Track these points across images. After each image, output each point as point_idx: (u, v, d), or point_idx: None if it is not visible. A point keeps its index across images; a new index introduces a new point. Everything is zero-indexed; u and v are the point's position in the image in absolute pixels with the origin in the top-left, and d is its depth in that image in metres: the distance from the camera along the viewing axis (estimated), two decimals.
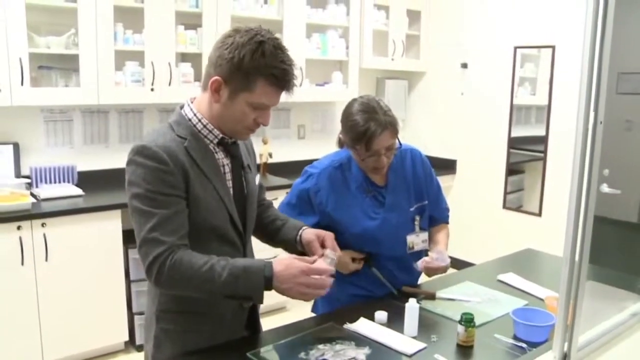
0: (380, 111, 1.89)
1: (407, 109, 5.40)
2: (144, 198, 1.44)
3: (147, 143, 1.46)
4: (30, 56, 3.16)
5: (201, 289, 1.46)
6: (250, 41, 1.44)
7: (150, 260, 1.43)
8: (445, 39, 5.06)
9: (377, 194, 2.04)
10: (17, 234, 2.94)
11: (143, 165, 1.44)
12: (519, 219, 4.65)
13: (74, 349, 3.22)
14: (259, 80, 1.45)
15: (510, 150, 4.69)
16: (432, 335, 1.71)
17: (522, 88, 4.64)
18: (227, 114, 1.50)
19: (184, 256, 1.43)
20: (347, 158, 2.05)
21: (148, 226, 1.43)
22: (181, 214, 1.47)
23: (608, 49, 1.23)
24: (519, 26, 4.50)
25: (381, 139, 1.88)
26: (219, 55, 1.47)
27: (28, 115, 3.46)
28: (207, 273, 1.42)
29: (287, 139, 4.70)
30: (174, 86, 3.65)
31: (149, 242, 1.43)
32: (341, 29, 4.63)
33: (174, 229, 1.45)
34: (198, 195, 1.49)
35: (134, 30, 3.54)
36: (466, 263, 4.85)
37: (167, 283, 1.45)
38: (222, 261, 1.45)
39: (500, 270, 2.31)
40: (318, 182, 2.02)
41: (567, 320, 1.34)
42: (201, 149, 1.53)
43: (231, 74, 1.45)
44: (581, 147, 1.25)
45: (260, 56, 1.43)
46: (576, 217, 1.27)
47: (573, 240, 1.30)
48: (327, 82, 4.62)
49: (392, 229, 2.02)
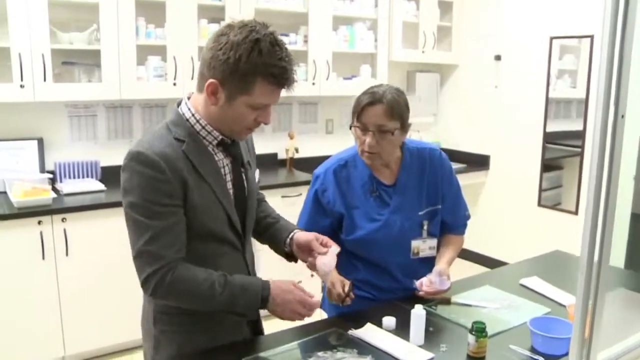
0: (387, 91, 1.80)
1: (439, 103, 5.25)
2: (140, 208, 1.39)
3: (143, 149, 1.39)
4: (54, 52, 3.18)
5: (198, 305, 1.48)
6: (245, 40, 1.35)
7: (147, 274, 1.40)
8: (478, 30, 4.88)
9: (383, 194, 1.93)
10: (38, 229, 2.96)
11: (139, 172, 1.38)
12: (554, 217, 4.45)
13: (95, 344, 3.24)
14: (257, 80, 1.37)
15: (546, 145, 4.48)
16: (441, 344, 1.61)
17: (562, 81, 4.42)
18: (226, 116, 1.44)
19: (183, 273, 1.41)
20: (354, 155, 1.95)
21: (144, 239, 1.39)
22: (178, 225, 1.42)
23: (632, 35, 1.10)
24: (555, 15, 4.29)
25: (372, 110, 1.78)
26: (212, 56, 1.38)
27: (52, 110, 3.48)
28: (208, 291, 1.42)
29: (315, 133, 4.63)
30: (196, 80, 3.60)
31: (144, 255, 1.40)
32: (369, 20, 4.51)
33: (171, 242, 1.40)
34: (196, 202, 1.44)
35: (156, 24, 3.52)
36: (497, 261, 4.70)
37: (163, 297, 1.45)
38: (221, 278, 1.44)
39: (524, 273, 2.18)
40: (324, 181, 1.94)
41: (584, 333, 1.22)
42: (200, 151, 1.47)
43: (227, 76, 1.37)
44: (599, 142, 1.13)
45: (257, 55, 1.35)
46: (594, 214, 1.14)
47: (591, 240, 1.17)
48: (354, 76, 4.52)
49: (394, 232, 1.91)
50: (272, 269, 2.08)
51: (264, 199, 1.86)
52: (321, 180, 1.94)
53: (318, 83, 4.16)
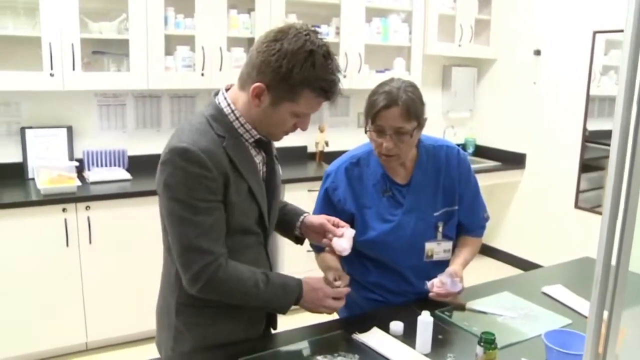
0: (401, 88, 1.71)
1: (475, 98, 5.09)
2: (186, 204, 1.39)
3: (189, 145, 1.38)
4: (83, 41, 3.20)
5: (240, 301, 1.50)
6: (300, 50, 1.35)
7: (197, 269, 1.40)
8: (518, 24, 4.70)
9: (396, 193, 1.85)
10: (62, 216, 2.99)
11: (184, 169, 1.38)
12: (590, 220, 4.25)
13: (118, 331, 3.27)
14: (305, 91, 1.38)
15: (586, 144, 4.29)
16: (449, 353, 1.53)
17: (607, 77, 4.21)
18: (267, 119, 1.45)
19: (229, 268, 1.43)
20: (366, 153, 1.88)
21: (192, 234, 1.40)
22: (222, 220, 1.44)
23: None
24: (598, 9, 4.08)
25: (388, 114, 1.69)
26: (263, 60, 1.37)
27: (82, 99, 3.52)
28: (252, 289, 1.46)
29: (346, 127, 4.56)
30: (225, 71, 3.59)
31: (194, 251, 1.40)
32: (404, 13, 4.40)
33: (218, 237, 1.43)
34: (233, 199, 1.44)
35: (185, 14, 3.50)
36: (529, 263, 4.55)
37: (210, 293, 1.45)
38: (263, 276, 1.48)
39: (547, 280, 2.07)
40: (335, 179, 1.88)
41: (597, 348, 1.13)
42: (239, 148, 1.47)
43: (276, 83, 1.37)
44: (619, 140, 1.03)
45: (310, 67, 1.35)
46: (612, 214, 1.04)
47: (608, 243, 1.07)
48: (387, 69, 4.42)
49: (407, 234, 1.83)
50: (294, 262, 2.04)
51: None
52: (332, 178, 1.88)
53: (350, 76, 4.07)
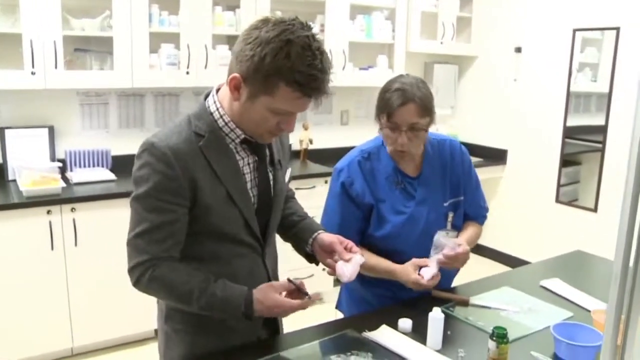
0: (414, 85, 1.74)
1: (457, 95, 5.14)
2: (142, 199, 1.36)
3: (158, 141, 1.34)
4: (66, 39, 3.12)
5: (177, 303, 1.46)
6: (276, 38, 1.25)
7: (131, 265, 1.40)
8: (499, 22, 4.76)
9: (407, 186, 1.88)
10: (47, 219, 2.92)
11: (149, 164, 1.34)
12: (572, 214, 4.34)
13: (104, 335, 3.20)
14: (280, 84, 1.27)
15: (565, 140, 4.37)
16: (459, 349, 1.53)
17: (582, 74, 4.30)
18: (247, 115, 1.35)
19: (164, 273, 1.38)
20: (376, 147, 1.90)
21: (137, 230, 1.37)
22: (175, 223, 1.36)
23: None
24: (578, 7, 4.15)
25: (405, 111, 1.72)
26: (240, 49, 1.30)
27: (64, 98, 3.43)
28: (184, 296, 1.39)
29: (329, 124, 4.54)
30: (210, 69, 3.55)
31: (131, 246, 1.39)
32: (387, 10, 4.41)
33: (161, 238, 1.36)
34: (208, 202, 1.37)
35: (169, 11, 3.44)
36: (514, 258, 4.62)
37: (143, 291, 1.43)
38: (202, 284, 1.38)
39: (544, 274, 2.09)
40: (350, 174, 1.87)
41: (616, 340, 1.14)
42: (219, 148, 1.39)
43: (252, 73, 1.28)
44: None
45: (284, 58, 1.24)
46: (632, 209, 1.04)
47: (628, 237, 1.07)
48: (371, 66, 4.42)
49: (420, 225, 1.86)
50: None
51: (293, 196, 1.79)
52: (346, 173, 1.87)
53: (333, 73, 4.06)
